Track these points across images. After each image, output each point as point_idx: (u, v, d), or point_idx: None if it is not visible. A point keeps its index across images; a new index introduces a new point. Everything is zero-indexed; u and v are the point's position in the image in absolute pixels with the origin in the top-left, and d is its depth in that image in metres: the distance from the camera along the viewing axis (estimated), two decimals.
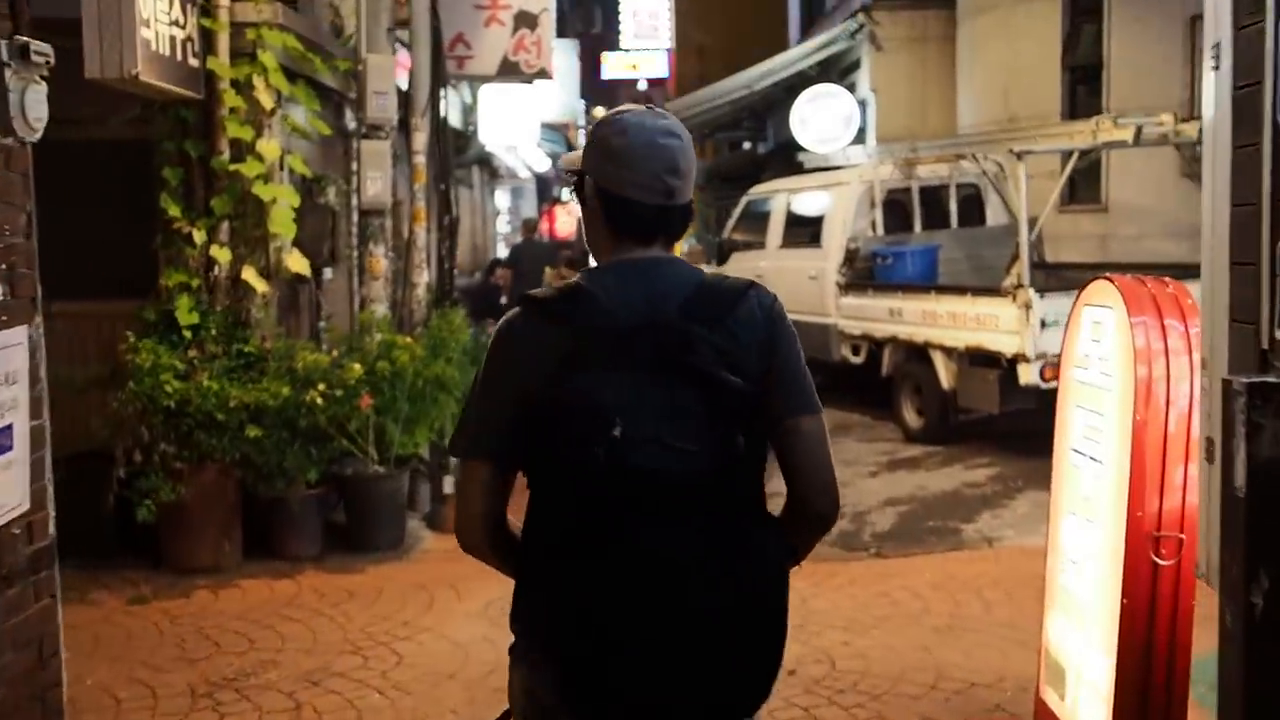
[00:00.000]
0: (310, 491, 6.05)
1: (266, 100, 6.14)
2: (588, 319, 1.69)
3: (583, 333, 1.67)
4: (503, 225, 23.04)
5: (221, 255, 6.07)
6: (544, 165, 23.70)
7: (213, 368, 5.91)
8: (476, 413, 1.78)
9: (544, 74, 8.42)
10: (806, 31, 17.40)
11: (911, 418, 8.69)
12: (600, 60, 37.92)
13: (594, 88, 36.43)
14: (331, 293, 7.71)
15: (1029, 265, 7.30)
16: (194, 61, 5.79)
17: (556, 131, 21.63)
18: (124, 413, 5.63)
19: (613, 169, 1.76)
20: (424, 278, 6.89)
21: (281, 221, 6.18)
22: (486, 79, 9.30)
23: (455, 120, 13.51)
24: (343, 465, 6.27)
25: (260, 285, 6.14)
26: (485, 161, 18.55)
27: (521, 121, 14.83)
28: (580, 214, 1.92)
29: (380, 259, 6.76)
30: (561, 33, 26.87)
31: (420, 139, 6.81)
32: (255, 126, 6.17)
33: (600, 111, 22.61)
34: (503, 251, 20.60)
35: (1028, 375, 7.24)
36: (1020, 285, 7.26)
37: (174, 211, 6.05)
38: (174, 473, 5.70)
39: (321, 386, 5.86)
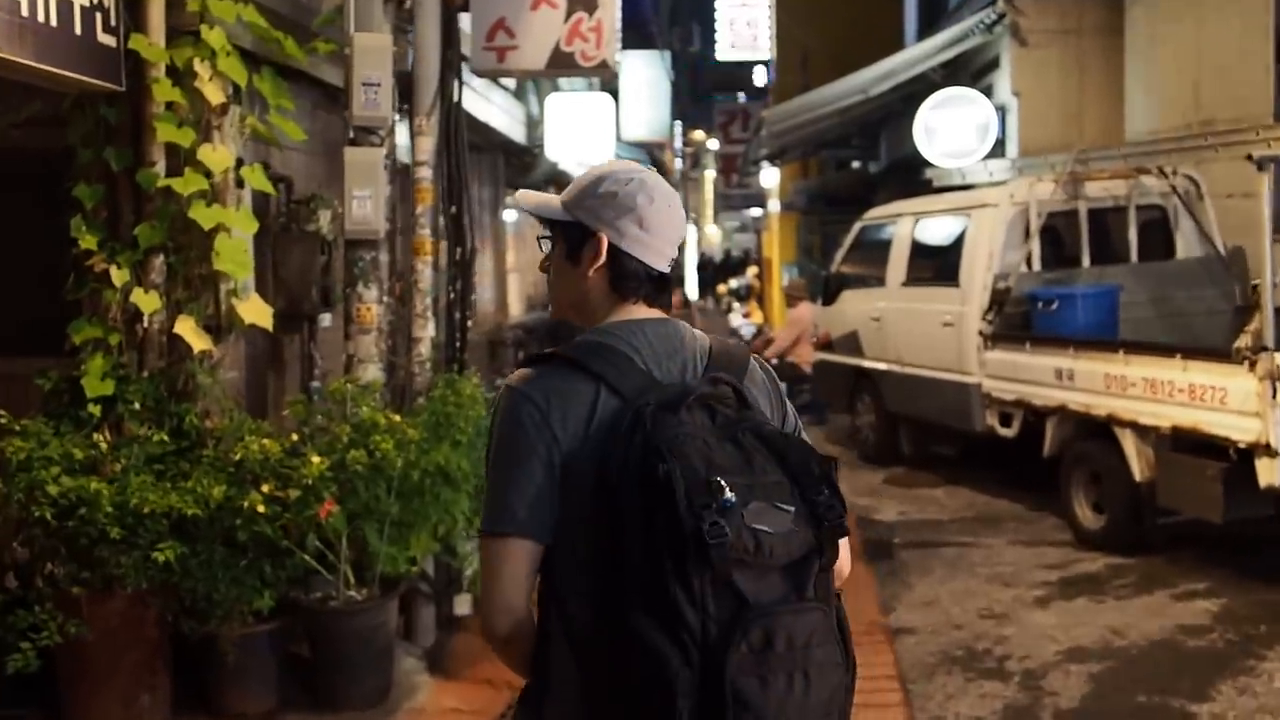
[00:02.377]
0: (260, 626, 4.60)
1: (213, 94, 4.76)
2: (633, 379, 1.69)
3: (633, 393, 1.67)
4: None
5: (146, 302, 4.67)
6: None
7: (130, 456, 4.50)
8: (509, 482, 1.68)
9: (605, 67, 6.90)
10: (925, 35, 15.68)
11: (1086, 514, 6.89)
12: (696, 76, 36.83)
13: (689, 105, 35.31)
14: (329, 345, 6.32)
15: (1274, 320, 5.44)
16: (107, 39, 4.42)
17: (643, 150, 20.29)
18: None
19: (640, 233, 1.79)
20: (428, 331, 5.39)
21: (231, 256, 4.77)
22: (534, 74, 7.84)
23: (519, 135, 12.19)
24: (309, 587, 4.82)
25: (200, 341, 4.72)
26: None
27: (598, 137, 13.50)
28: (557, 265, 1.86)
29: (372, 306, 5.30)
30: (653, 45, 25.70)
31: (425, 145, 5.34)
32: (201, 129, 4.79)
33: (699, 135, 21.55)
34: None
35: (1270, 474, 5.41)
36: (1263, 348, 5.44)
37: (88, 243, 4.68)
38: (67, 603, 4.30)
39: (267, 487, 4.41)
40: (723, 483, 1.52)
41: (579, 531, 1.63)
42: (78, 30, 4.18)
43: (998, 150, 11.77)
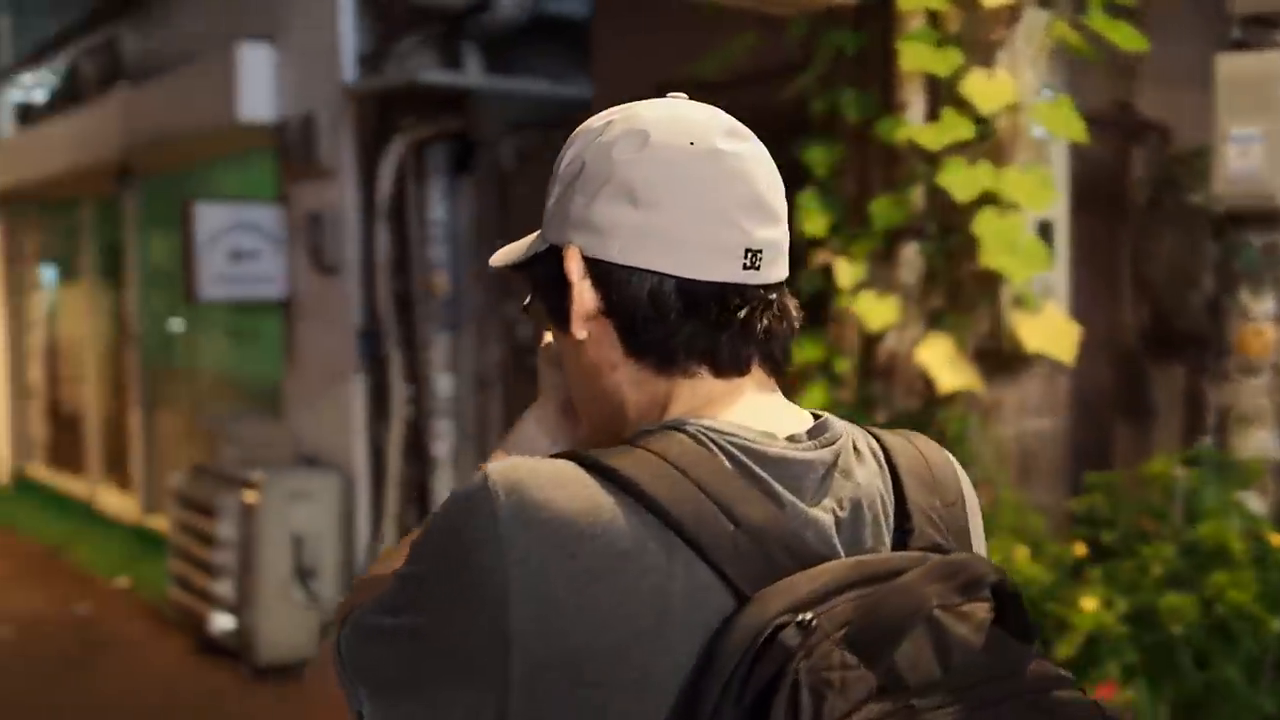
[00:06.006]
0: None
1: None
2: (754, 543, 0.87)
3: (752, 579, 0.84)
4: None
5: (876, 312, 3.23)
6: None
7: None
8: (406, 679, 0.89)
9: None
10: None
11: None
12: None
13: None
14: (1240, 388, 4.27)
15: None
16: None
17: None
18: None
19: (635, 216, 0.85)
20: None
21: (1003, 243, 3.08)
22: None
23: None
24: None
25: (952, 375, 3.13)
26: None
27: None
28: (559, 344, 0.98)
29: (1264, 328, 3.17)
30: None
31: None
32: (977, 50, 3.18)
33: None
34: None
35: None
36: None
37: (813, 227, 3.39)
38: None
39: None
40: None
41: None
42: None
43: None
